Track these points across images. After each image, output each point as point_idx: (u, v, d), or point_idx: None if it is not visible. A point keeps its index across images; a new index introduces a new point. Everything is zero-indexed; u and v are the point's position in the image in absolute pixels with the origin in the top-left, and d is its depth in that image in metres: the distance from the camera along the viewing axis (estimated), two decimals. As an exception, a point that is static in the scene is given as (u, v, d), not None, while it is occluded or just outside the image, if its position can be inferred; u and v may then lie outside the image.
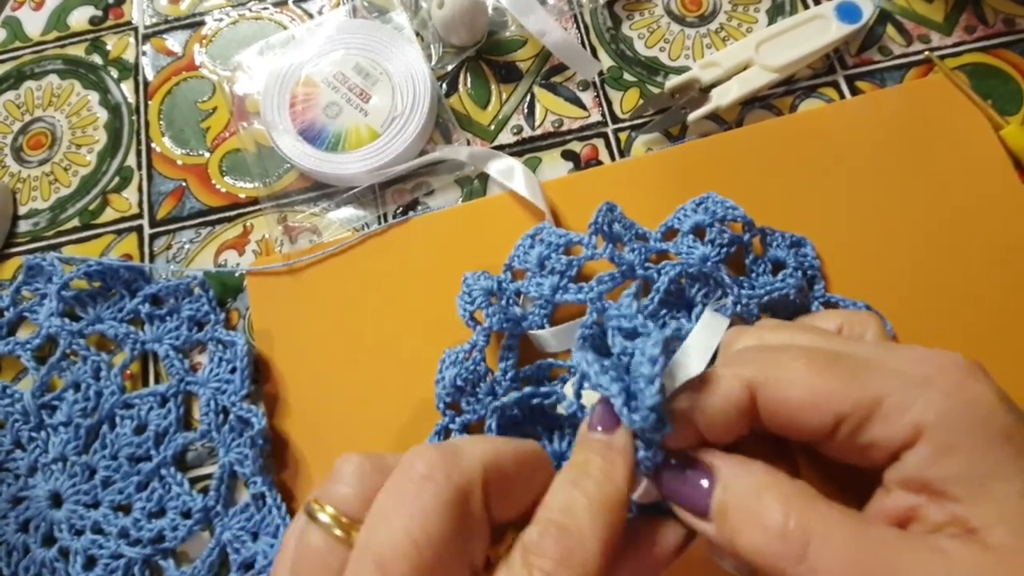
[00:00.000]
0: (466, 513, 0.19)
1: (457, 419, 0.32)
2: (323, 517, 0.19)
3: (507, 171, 0.38)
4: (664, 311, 0.32)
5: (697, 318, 0.31)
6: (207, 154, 0.42)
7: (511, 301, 0.33)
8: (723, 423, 0.21)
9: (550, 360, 0.33)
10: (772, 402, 0.20)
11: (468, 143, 0.40)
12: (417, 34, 0.42)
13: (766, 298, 0.32)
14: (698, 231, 0.34)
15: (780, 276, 0.33)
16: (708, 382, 0.21)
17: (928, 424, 0.18)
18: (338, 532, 0.19)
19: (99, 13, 0.47)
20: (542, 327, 0.33)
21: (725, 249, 0.33)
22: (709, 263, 0.32)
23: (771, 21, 0.42)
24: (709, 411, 0.20)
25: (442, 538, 0.18)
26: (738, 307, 0.31)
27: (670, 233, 0.35)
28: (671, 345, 0.22)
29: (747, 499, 0.19)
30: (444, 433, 0.32)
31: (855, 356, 0.20)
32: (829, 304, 0.34)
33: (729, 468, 0.20)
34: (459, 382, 0.31)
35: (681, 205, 0.35)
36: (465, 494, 0.19)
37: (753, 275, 0.34)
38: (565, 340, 0.33)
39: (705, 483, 0.20)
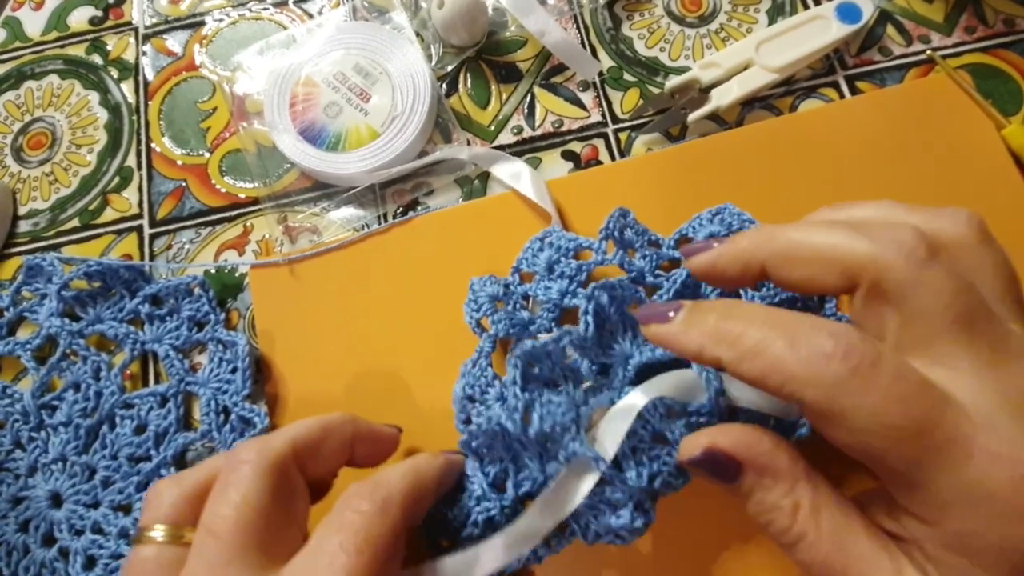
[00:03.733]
0: (283, 479, 0.22)
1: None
2: (155, 534, 0.22)
3: (514, 175, 0.38)
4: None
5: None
6: (207, 154, 0.42)
7: (519, 305, 0.33)
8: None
9: None
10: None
11: (468, 143, 0.40)
12: (417, 34, 0.42)
13: (777, 299, 0.32)
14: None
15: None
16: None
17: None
18: (167, 538, 0.22)
19: (99, 13, 0.47)
20: (549, 331, 0.33)
21: None
22: None
23: (771, 21, 0.42)
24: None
25: (260, 500, 0.21)
26: None
27: (683, 241, 0.35)
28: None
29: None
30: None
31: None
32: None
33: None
34: (467, 391, 0.31)
35: (697, 214, 0.35)
36: (278, 465, 0.22)
37: (760, 287, 0.34)
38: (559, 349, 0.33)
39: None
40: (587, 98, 0.41)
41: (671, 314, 0.22)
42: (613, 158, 0.40)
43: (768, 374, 0.19)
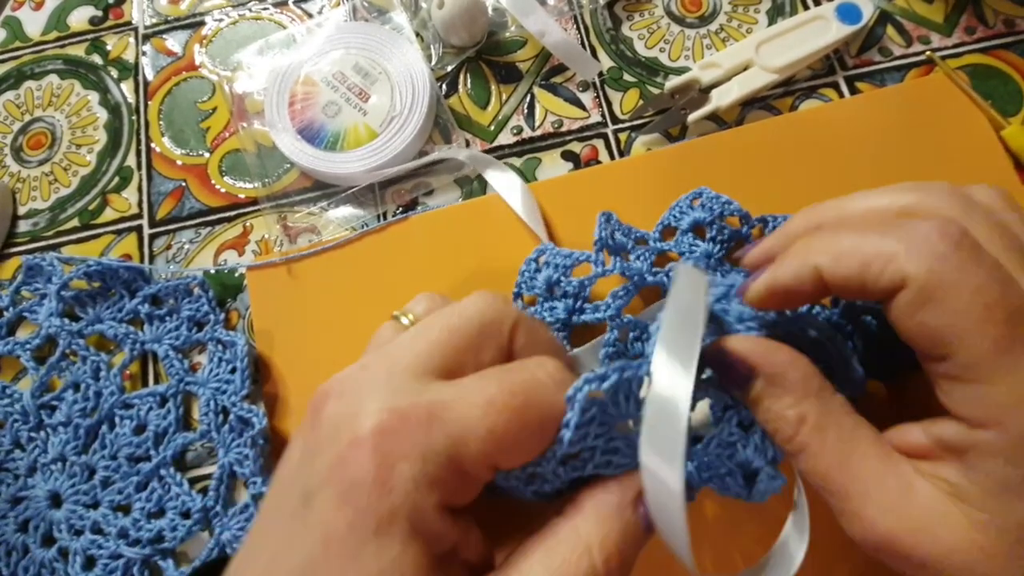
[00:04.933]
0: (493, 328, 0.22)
1: None
2: (404, 320, 0.25)
3: (507, 187, 0.38)
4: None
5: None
6: (207, 154, 0.42)
7: None
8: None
9: None
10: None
11: (467, 143, 0.40)
12: (417, 34, 0.42)
13: None
14: (697, 228, 0.34)
15: None
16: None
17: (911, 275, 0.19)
18: (409, 325, 0.24)
19: (99, 13, 0.47)
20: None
21: (727, 244, 0.33)
22: (713, 259, 0.32)
23: (771, 22, 0.42)
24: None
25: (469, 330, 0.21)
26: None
27: (668, 231, 0.35)
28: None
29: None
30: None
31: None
32: None
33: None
34: None
35: (675, 202, 0.35)
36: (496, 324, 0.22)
37: None
38: (590, 360, 0.32)
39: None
40: (587, 98, 0.41)
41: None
42: (613, 158, 0.40)
43: (869, 263, 0.20)
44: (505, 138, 0.41)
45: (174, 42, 0.45)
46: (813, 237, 0.22)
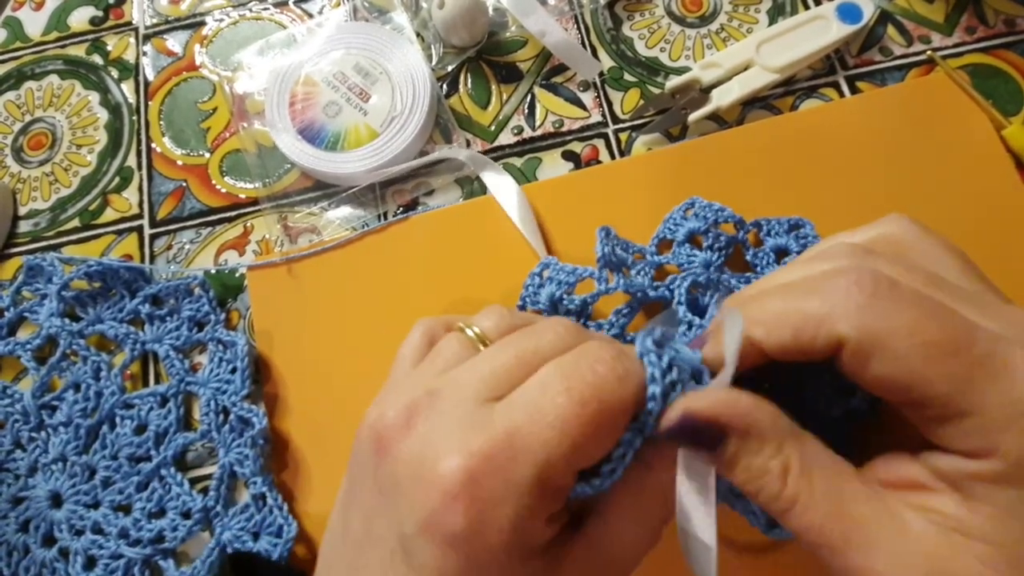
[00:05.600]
0: None
1: None
2: (469, 332, 0.23)
3: (504, 192, 0.38)
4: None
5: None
6: (207, 154, 0.42)
7: None
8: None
9: None
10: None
11: (468, 143, 0.40)
12: (418, 34, 0.42)
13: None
14: (693, 238, 0.34)
15: (784, 262, 0.33)
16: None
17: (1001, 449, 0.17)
18: (475, 339, 0.23)
19: (99, 13, 0.47)
20: None
21: (724, 252, 0.33)
22: (712, 268, 0.32)
23: (772, 22, 0.42)
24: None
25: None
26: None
27: (664, 244, 0.35)
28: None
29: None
30: None
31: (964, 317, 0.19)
32: None
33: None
34: None
35: (668, 214, 0.35)
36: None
37: (758, 269, 0.34)
38: None
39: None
40: (587, 98, 0.41)
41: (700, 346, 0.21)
42: (613, 158, 0.40)
43: (801, 328, 0.19)
44: (506, 138, 0.41)
45: (174, 42, 0.45)
46: (742, 306, 0.21)
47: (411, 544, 0.19)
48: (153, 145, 0.43)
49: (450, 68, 0.42)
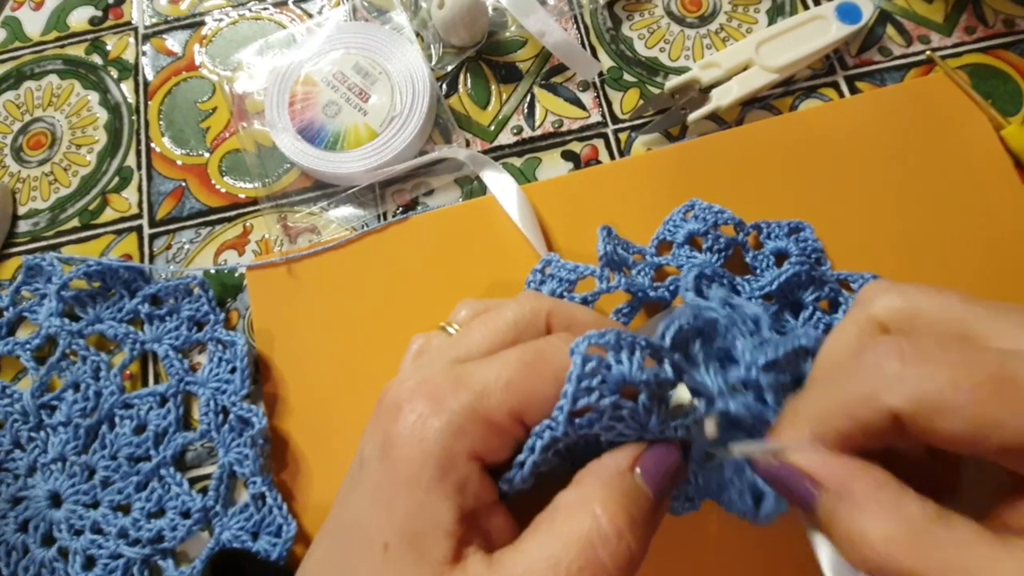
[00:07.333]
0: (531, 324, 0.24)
1: None
2: (450, 329, 0.25)
3: (504, 191, 0.38)
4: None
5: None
6: (207, 154, 0.42)
7: None
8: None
9: None
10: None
11: (467, 143, 0.40)
12: (417, 34, 0.42)
13: (776, 284, 0.32)
14: (692, 240, 0.34)
15: (785, 266, 0.33)
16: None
17: None
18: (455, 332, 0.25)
19: (99, 13, 0.47)
20: None
21: (724, 254, 0.33)
22: (712, 269, 0.32)
23: (771, 22, 0.42)
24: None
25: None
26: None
27: (664, 246, 0.35)
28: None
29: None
30: None
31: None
32: (840, 281, 0.34)
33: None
34: None
35: (668, 216, 0.35)
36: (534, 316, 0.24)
37: (757, 271, 0.34)
38: None
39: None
40: (587, 98, 0.41)
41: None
42: (613, 158, 0.40)
43: (854, 408, 0.18)
44: (505, 138, 0.41)
45: (174, 42, 0.45)
46: (802, 405, 0.20)
47: (365, 463, 0.21)
48: (153, 145, 0.43)
49: (450, 68, 0.42)
